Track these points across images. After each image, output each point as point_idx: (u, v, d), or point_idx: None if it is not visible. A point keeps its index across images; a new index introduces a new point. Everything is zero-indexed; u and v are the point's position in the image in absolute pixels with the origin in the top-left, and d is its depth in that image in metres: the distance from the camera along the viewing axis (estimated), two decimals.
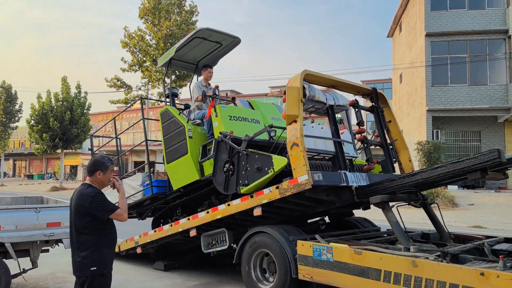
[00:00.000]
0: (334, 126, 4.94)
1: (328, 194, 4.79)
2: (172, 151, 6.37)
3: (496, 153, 3.85)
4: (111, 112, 55.60)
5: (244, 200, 5.10)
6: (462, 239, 5.35)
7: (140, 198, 7.03)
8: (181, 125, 6.23)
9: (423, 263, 3.71)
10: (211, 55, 7.45)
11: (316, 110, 5.17)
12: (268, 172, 4.75)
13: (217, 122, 5.85)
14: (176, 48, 6.78)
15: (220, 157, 5.51)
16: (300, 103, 4.56)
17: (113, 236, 3.62)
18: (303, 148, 4.40)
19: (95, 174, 3.56)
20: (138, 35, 25.19)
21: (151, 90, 26.68)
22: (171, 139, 6.43)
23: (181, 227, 6.10)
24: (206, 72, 6.99)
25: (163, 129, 6.62)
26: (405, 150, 5.76)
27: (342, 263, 4.28)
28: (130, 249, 7.30)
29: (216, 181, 5.56)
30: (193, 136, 6.16)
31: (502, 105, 22.21)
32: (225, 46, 7.20)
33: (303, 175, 4.35)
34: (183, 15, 25.19)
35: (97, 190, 3.53)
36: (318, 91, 4.85)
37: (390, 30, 33.27)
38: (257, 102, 7.00)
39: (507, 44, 22.68)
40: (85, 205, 3.38)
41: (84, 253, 3.38)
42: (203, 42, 6.97)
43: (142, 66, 25.25)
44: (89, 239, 3.40)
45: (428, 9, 23.34)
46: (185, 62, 7.62)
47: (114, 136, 8.01)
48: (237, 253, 5.46)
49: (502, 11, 22.80)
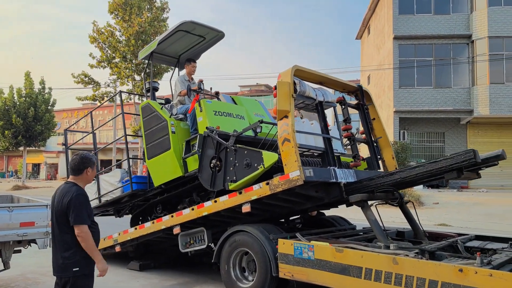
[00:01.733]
0: (323, 122, 4.96)
1: (317, 190, 4.81)
2: (154, 147, 6.23)
3: (471, 153, 3.99)
4: (76, 109, 54.14)
5: (232, 197, 5.04)
6: (436, 236, 5.51)
7: (119, 195, 6.84)
8: (164, 120, 6.10)
9: (403, 260, 3.79)
10: (193, 49, 7.33)
11: (305, 106, 5.18)
12: (258, 168, 4.71)
13: (202, 117, 5.76)
14: (159, 41, 6.63)
15: (206, 153, 5.42)
16: (291, 98, 4.55)
17: (97, 235, 3.52)
18: (294, 144, 4.40)
19: (84, 172, 3.45)
20: (107, 31, 24.59)
21: (120, 87, 26.07)
22: (152, 134, 6.28)
23: (164, 225, 5.97)
24: (189, 66, 6.87)
25: (144, 123, 6.45)
26: (388, 147, 5.85)
27: (323, 261, 4.32)
28: (108, 248, 7.09)
29: (202, 178, 5.47)
30: (176, 131, 6.05)
31: (465, 108, 23.06)
32: (209, 40, 7.09)
33: (295, 170, 4.34)
34: (154, 11, 24.76)
35: (82, 191, 3.42)
36: (308, 86, 4.86)
37: (358, 32, 33.92)
38: (241, 98, 6.94)
39: (470, 49, 23.54)
40: (68, 203, 3.28)
41: (67, 253, 3.28)
42: (186, 36, 6.85)
43: (111, 62, 24.67)
44: (73, 239, 3.29)
45: (396, 13, 23.93)
46: (166, 56, 7.46)
47: (89, 132, 7.77)
48: (216, 252, 5.42)
49: (465, 16, 23.65)
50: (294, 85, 4.65)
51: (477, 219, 14.21)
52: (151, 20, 24.58)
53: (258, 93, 50.03)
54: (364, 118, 5.67)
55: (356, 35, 34.47)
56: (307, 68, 4.94)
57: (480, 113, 22.63)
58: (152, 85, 6.92)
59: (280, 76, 4.73)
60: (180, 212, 5.77)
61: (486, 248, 4.70)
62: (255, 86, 54.40)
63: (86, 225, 3.30)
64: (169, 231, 5.97)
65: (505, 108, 22.31)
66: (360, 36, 34.33)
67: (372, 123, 5.78)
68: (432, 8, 23.98)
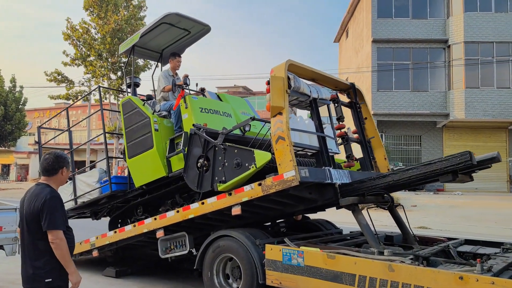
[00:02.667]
0: (318, 120, 4.74)
1: (311, 191, 4.57)
2: (135, 145, 5.90)
3: (468, 155, 3.86)
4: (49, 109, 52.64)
5: (221, 198, 4.76)
6: (426, 241, 5.37)
7: (96, 196, 6.47)
8: (146, 117, 5.77)
9: (400, 267, 3.60)
10: (177, 44, 7.00)
11: (299, 103, 4.95)
12: (249, 168, 4.45)
13: (187, 114, 5.47)
14: (141, 33, 6.27)
15: (192, 152, 5.13)
16: (285, 94, 4.31)
17: (72, 242, 3.21)
18: (289, 142, 4.15)
19: (58, 172, 3.16)
20: (82, 27, 23.89)
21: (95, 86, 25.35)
22: (133, 131, 5.94)
23: (146, 228, 5.64)
24: (174, 60, 6.54)
25: (124, 120, 6.10)
26: (380, 148, 5.69)
27: (313, 268, 4.09)
28: (85, 252, 6.69)
29: (187, 178, 5.17)
30: (159, 129, 5.74)
31: (441, 111, 23.37)
32: (194, 34, 6.78)
33: (290, 171, 4.10)
34: (131, 9, 24.21)
35: (56, 193, 3.12)
36: (302, 82, 4.64)
37: (337, 36, 34.09)
38: (226, 95, 6.66)
39: (446, 53, 23.89)
40: (41, 206, 2.97)
41: (38, 263, 2.97)
42: (171, 29, 6.51)
43: (86, 60, 23.97)
44: (46, 246, 2.97)
45: (375, 16, 24.09)
46: (148, 50, 7.11)
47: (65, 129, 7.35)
48: (198, 258, 5.14)
49: (442, 21, 24.00)
50: (288, 80, 4.41)
51: (455, 221, 14.32)
52: (128, 18, 24.05)
53: (235, 95, 49.68)
54: (357, 117, 5.49)
55: (335, 38, 34.65)
56: (300, 63, 4.72)
57: (456, 116, 22.96)
58: (133, 81, 6.57)
59: (273, 71, 4.48)
60: (164, 214, 5.46)
61: (478, 253, 4.58)
62: (232, 88, 54.06)
63: (61, 230, 2.99)
64: (152, 234, 5.64)
65: (480, 112, 22.70)
66: (339, 39, 34.52)
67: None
68: (410, 12, 24.25)
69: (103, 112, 6.43)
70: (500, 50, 23.01)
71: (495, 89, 22.85)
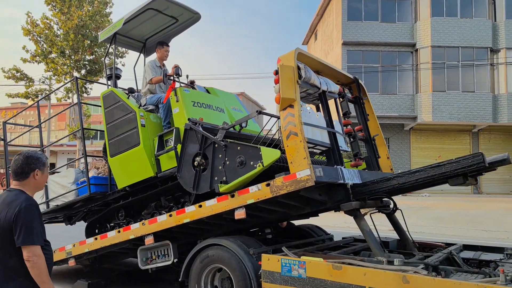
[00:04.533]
0: (328, 115, 4.36)
1: (320, 193, 4.18)
2: (118, 142, 5.34)
3: (480, 157, 3.66)
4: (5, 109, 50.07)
5: (223, 200, 4.28)
6: (423, 247, 5.15)
7: (72, 199, 5.86)
8: (131, 111, 5.23)
9: (415, 279, 3.24)
10: (162, 33, 6.46)
11: (307, 95, 4.56)
12: (255, 167, 4.01)
13: (178, 108, 4.98)
14: (125, 19, 5.70)
15: (187, 149, 4.64)
16: (296, 84, 3.91)
17: (50, 259, 2.71)
18: (303, 138, 3.75)
19: (30, 175, 2.69)
20: (44, 23, 22.63)
21: (57, 84, 24.08)
22: (116, 127, 5.38)
23: (132, 234, 5.08)
24: (162, 50, 5.99)
25: (105, 115, 5.52)
26: (383, 146, 5.40)
27: (317, 280, 3.70)
28: (59, 262, 6.02)
29: (182, 178, 4.67)
30: (146, 124, 5.21)
31: (409, 114, 23.71)
32: (182, 23, 6.25)
33: (304, 169, 3.69)
34: (95, 5, 23.15)
35: (33, 200, 2.64)
36: (313, 73, 4.24)
37: (305, 38, 34.13)
38: (216, 89, 6.17)
39: (414, 57, 24.28)
40: (14, 217, 2.50)
41: (12, 284, 2.49)
42: (157, 16, 5.97)
43: (47, 57, 22.69)
44: (21, 264, 2.49)
45: (345, 19, 24.18)
46: (131, 39, 6.53)
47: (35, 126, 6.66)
48: (184, 269, 4.67)
49: (410, 25, 24.38)
50: (298, 70, 4.02)
51: (428, 223, 14.39)
52: (93, 14, 22.97)
53: None
54: (362, 113, 5.17)
55: (303, 40, 34.69)
56: (307, 52, 4.34)
57: (423, 119, 23.33)
58: (114, 72, 5.99)
59: (280, 60, 4.08)
60: (153, 219, 4.92)
61: (483, 259, 4.35)
62: None
63: (39, 245, 2.51)
64: (139, 241, 5.09)
65: (446, 115, 23.17)
66: (307, 42, 34.57)
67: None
68: (379, 16, 24.50)
69: (80, 105, 5.81)
70: (465, 55, 23.59)
71: (461, 92, 23.38)
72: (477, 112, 23.14)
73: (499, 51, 23.64)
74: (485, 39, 23.47)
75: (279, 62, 4.07)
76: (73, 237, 6.71)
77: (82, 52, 22.94)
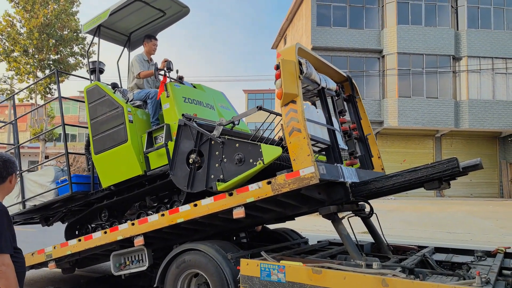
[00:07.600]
0: (328, 112, 4.31)
1: (320, 191, 4.11)
2: (104, 139, 5.11)
3: (455, 162, 3.74)
4: None
5: (220, 199, 4.15)
6: (397, 250, 5.21)
7: (52, 199, 5.57)
8: (118, 106, 5.02)
9: (395, 282, 3.26)
10: (147, 27, 6.25)
11: (306, 91, 4.49)
12: (255, 165, 3.91)
13: (169, 103, 4.82)
14: (111, 11, 5.47)
15: (181, 146, 4.48)
16: (298, 80, 3.84)
17: (22, 267, 2.57)
18: (306, 134, 3.68)
19: (7, 180, 2.58)
20: (6, 20, 21.68)
21: (19, 84, 23.12)
22: (101, 123, 5.16)
23: (121, 235, 4.85)
24: (149, 43, 5.80)
25: (90, 110, 5.28)
26: (375, 145, 5.42)
27: (296, 284, 3.67)
28: (37, 265, 5.68)
29: (175, 176, 4.50)
30: (134, 120, 5.01)
31: (376, 119, 24.20)
32: (169, 16, 6.07)
33: (308, 167, 3.62)
34: (61, 3, 22.39)
35: (2, 206, 2.49)
36: (314, 69, 4.18)
37: (274, 42, 34.28)
38: (203, 86, 6.01)
39: (381, 63, 24.85)
40: None
41: None
42: (144, 8, 5.77)
43: (9, 56, 21.74)
44: None
45: (314, 24, 24.49)
46: (115, 32, 6.29)
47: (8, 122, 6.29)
48: (159, 275, 4.56)
49: (377, 32, 24.96)
50: (299, 65, 3.95)
51: (396, 226, 14.65)
52: (58, 13, 22.22)
53: None
54: (355, 112, 5.16)
55: (272, 44, 34.83)
56: (306, 48, 4.28)
57: (389, 124, 23.89)
58: (98, 66, 5.73)
59: (280, 55, 4.01)
60: (144, 219, 4.72)
61: (455, 262, 4.45)
62: None
63: (8, 254, 2.37)
64: (127, 243, 4.87)
65: (411, 120, 23.81)
66: (276, 46, 34.74)
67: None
68: (347, 22, 24.94)
69: (61, 100, 5.53)
70: (429, 62, 24.36)
71: (425, 98, 24.11)
72: (440, 118, 23.91)
73: (461, 59, 24.55)
74: (448, 47, 24.33)
75: (280, 57, 3.99)
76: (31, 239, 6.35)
77: (47, 51, 22.14)
